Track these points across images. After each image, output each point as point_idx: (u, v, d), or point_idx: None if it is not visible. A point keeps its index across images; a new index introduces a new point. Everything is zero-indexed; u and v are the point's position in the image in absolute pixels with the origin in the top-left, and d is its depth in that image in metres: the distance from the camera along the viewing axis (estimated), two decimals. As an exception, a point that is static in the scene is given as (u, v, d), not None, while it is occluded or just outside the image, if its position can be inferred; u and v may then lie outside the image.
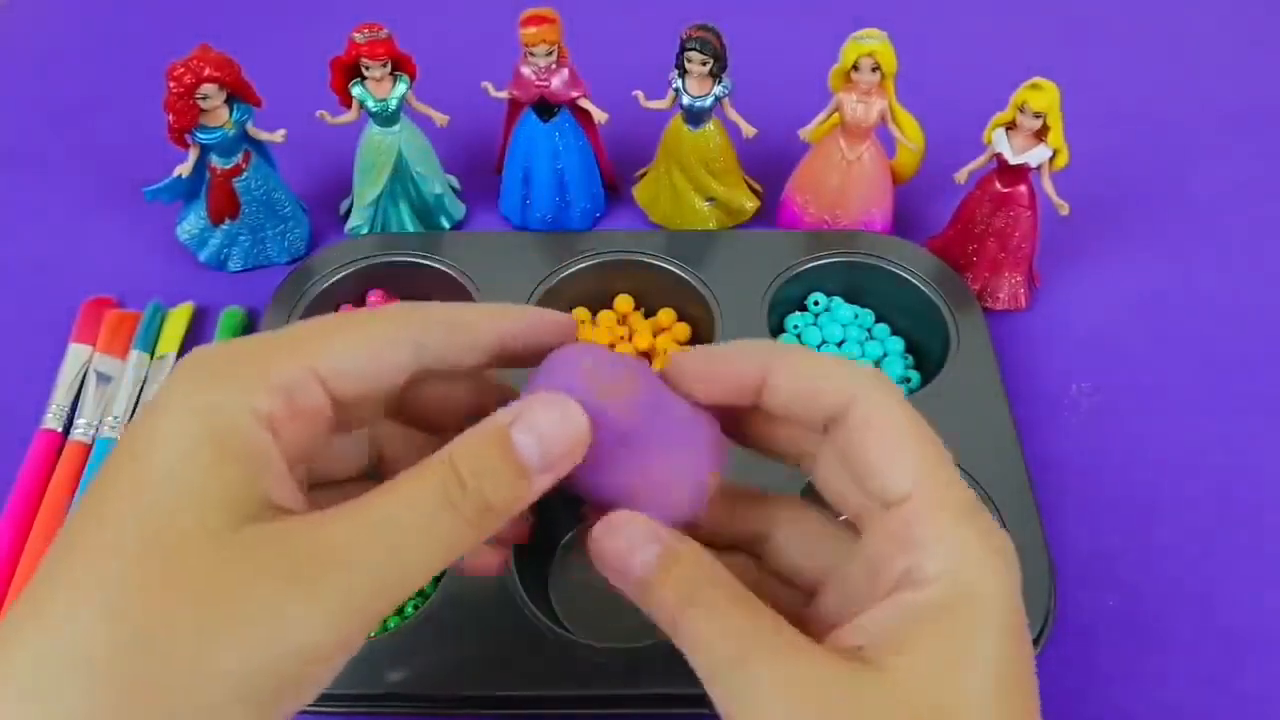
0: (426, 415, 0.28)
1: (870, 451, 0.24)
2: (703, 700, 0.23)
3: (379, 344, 0.24)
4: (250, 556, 0.20)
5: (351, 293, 0.52)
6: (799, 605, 0.26)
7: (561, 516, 0.44)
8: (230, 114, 0.50)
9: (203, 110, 0.49)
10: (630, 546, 0.24)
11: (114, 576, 0.20)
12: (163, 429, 0.21)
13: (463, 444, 0.22)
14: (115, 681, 0.19)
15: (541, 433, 0.23)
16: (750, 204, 0.57)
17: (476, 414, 0.25)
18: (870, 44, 0.49)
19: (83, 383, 0.49)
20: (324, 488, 0.27)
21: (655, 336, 0.51)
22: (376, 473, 0.28)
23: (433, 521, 0.21)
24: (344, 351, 0.23)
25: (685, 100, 0.52)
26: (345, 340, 0.24)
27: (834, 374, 0.25)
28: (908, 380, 0.50)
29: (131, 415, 0.48)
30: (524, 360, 0.26)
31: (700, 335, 0.52)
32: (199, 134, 0.50)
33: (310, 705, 0.21)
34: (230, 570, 0.20)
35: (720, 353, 0.26)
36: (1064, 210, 0.50)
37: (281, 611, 0.20)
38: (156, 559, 0.20)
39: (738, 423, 0.27)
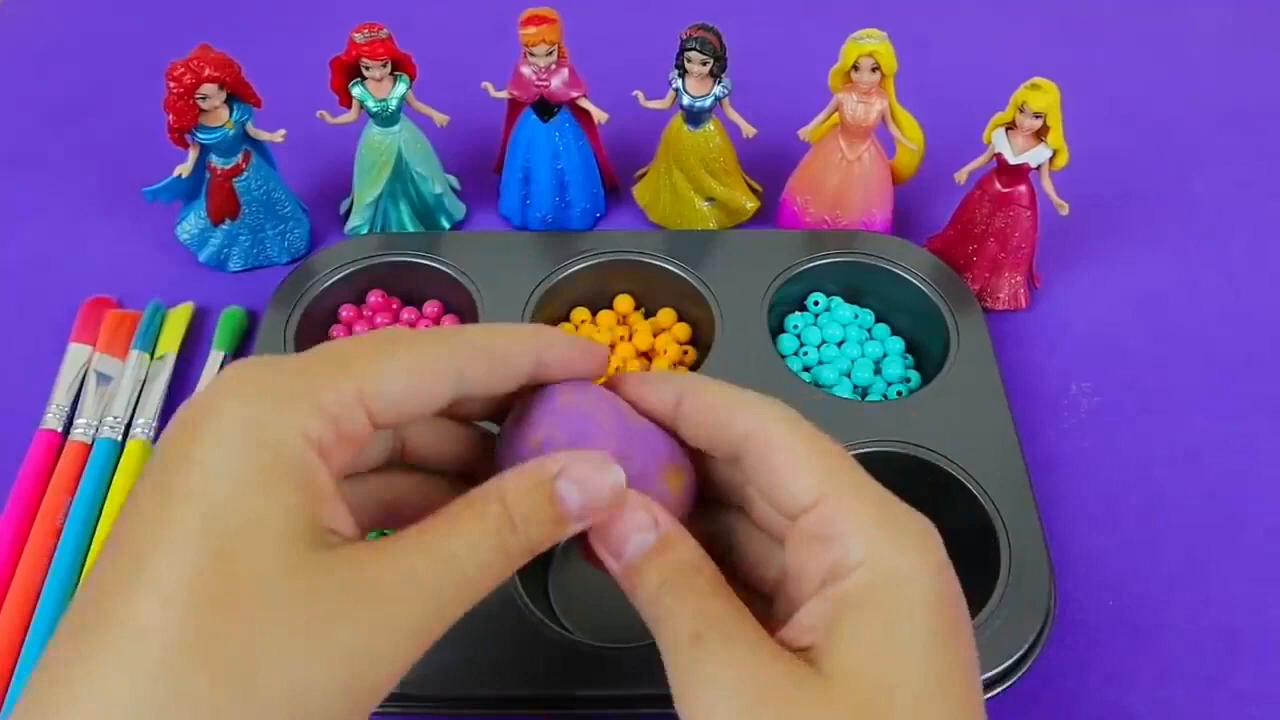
0: (454, 411, 0.28)
1: (775, 468, 0.25)
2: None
3: (424, 373, 0.24)
4: (322, 586, 0.21)
5: (351, 293, 0.52)
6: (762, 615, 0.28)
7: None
8: (230, 114, 0.50)
9: (203, 110, 0.49)
10: (628, 529, 0.25)
11: (190, 607, 0.20)
12: (217, 454, 0.21)
13: (515, 489, 0.24)
14: (194, 702, 0.19)
15: (584, 488, 0.24)
16: (750, 204, 0.57)
17: (503, 411, 0.28)
18: (870, 44, 0.49)
19: (83, 383, 0.49)
20: (346, 480, 0.27)
21: (655, 336, 0.51)
22: (401, 460, 0.28)
23: (486, 556, 0.23)
24: (390, 378, 0.24)
25: (685, 100, 0.52)
26: (392, 366, 0.24)
27: (736, 405, 0.26)
28: (908, 380, 0.50)
29: (131, 415, 0.48)
30: (550, 382, 0.28)
31: (700, 335, 0.52)
32: (199, 134, 0.50)
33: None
34: (304, 600, 0.20)
35: (650, 378, 0.28)
36: (1064, 210, 0.50)
37: (358, 638, 0.21)
38: (230, 592, 0.20)
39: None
